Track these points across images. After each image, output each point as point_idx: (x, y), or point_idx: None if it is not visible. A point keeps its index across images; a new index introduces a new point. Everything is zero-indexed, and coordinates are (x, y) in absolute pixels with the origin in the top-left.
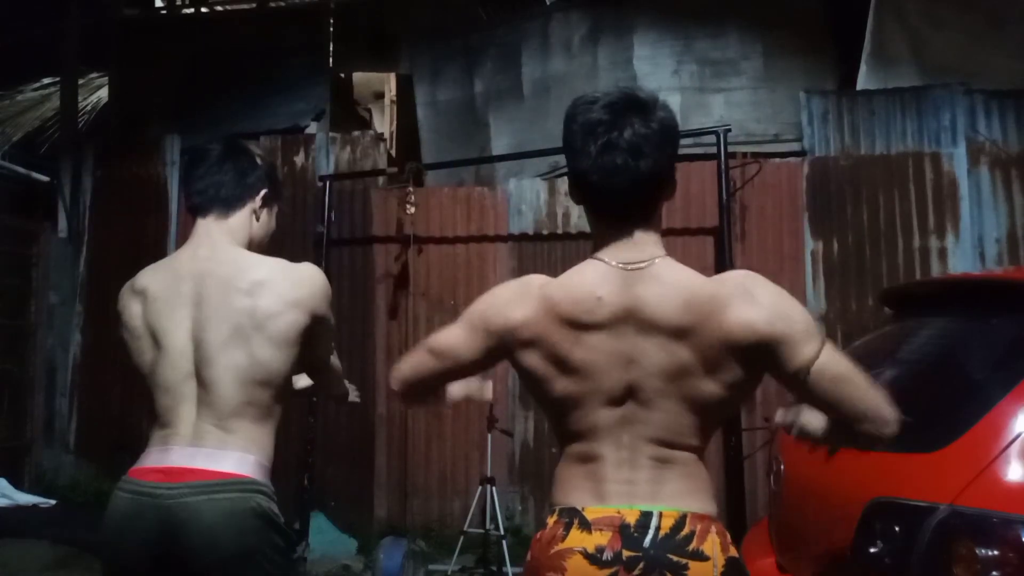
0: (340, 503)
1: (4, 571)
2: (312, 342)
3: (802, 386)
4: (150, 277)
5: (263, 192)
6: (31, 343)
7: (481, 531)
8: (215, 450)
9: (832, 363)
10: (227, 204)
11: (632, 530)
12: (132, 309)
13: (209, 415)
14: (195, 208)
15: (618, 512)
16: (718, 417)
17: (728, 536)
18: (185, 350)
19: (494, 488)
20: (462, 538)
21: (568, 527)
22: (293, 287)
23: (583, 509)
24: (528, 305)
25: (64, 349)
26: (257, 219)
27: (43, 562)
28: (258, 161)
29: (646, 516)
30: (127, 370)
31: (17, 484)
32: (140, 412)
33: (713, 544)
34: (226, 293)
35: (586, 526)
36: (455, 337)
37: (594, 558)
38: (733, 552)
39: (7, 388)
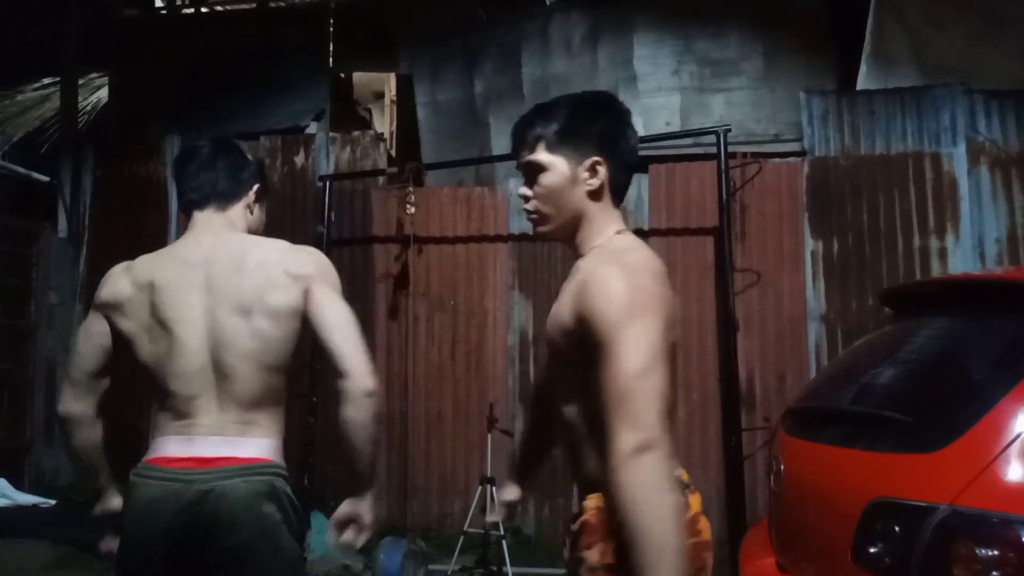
0: (340, 503)
1: (4, 571)
2: (319, 318)
3: None
4: (154, 267)
5: (256, 187)
6: (31, 343)
7: (481, 531)
8: (238, 437)
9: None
10: (224, 199)
11: None
12: (136, 300)
13: (230, 404)
14: (191, 204)
15: None
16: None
17: None
18: (201, 339)
19: (494, 488)
20: (462, 538)
21: None
22: (296, 263)
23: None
24: None
25: (64, 349)
26: (251, 213)
27: (43, 562)
28: (248, 157)
29: None
30: (126, 370)
31: (17, 484)
32: (140, 412)
33: None
34: (233, 276)
35: None
36: None
37: None
38: None
39: (7, 388)
